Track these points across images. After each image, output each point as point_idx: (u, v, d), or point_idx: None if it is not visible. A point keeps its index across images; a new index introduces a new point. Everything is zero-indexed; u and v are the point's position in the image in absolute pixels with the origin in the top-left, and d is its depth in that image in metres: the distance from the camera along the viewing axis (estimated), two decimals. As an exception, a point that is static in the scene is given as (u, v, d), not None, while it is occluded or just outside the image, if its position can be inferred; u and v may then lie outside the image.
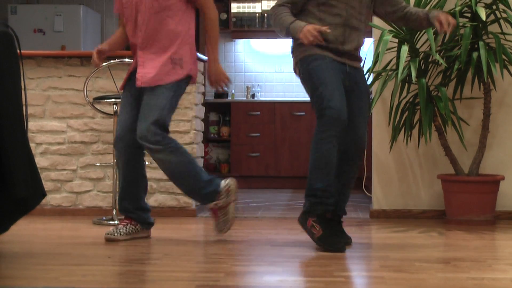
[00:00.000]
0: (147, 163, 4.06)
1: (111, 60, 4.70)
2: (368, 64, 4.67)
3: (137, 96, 3.84)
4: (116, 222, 4.52)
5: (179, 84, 3.82)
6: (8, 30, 3.25)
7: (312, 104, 3.61)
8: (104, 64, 4.67)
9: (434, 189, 4.90)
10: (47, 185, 4.97)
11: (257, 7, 8.01)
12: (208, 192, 3.82)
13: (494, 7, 4.57)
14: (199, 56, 4.11)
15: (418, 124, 4.67)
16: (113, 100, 4.60)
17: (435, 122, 4.55)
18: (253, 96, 8.01)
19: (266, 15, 8.00)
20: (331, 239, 3.52)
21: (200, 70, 5.13)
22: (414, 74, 4.29)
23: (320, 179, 3.53)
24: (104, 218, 4.66)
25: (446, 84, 4.62)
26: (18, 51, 3.29)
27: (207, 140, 7.79)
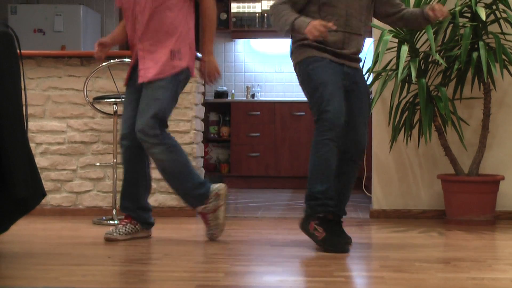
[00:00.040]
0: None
1: (111, 60, 4.70)
2: (368, 64, 4.67)
3: (141, 91, 3.83)
4: (116, 222, 4.51)
5: (178, 77, 3.79)
6: (8, 30, 3.25)
7: (310, 106, 3.61)
8: (104, 64, 4.68)
9: (434, 189, 4.90)
10: (47, 185, 4.97)
11: (257, 7, 8.01)
12: (198, 194, 3.80)
13: (494, 7, 4.56)
14: (197, 55, 4.09)
15: (418, 124, 4.67)
16: (113, 100, 4.59)
17: (435, 122, 4.55)
18: (253, 96, 8.01)
19: (266, 15, 8.00)
20: (334, 240, 3.52)
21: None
22: (414, 74, 4.29)
23: (320, 182, 3.53)
24: (104, 218, 4.66)
25: (446, 84, 4.62)
26: (18, 51, 3.29)
27: (207, 140, 7.79)
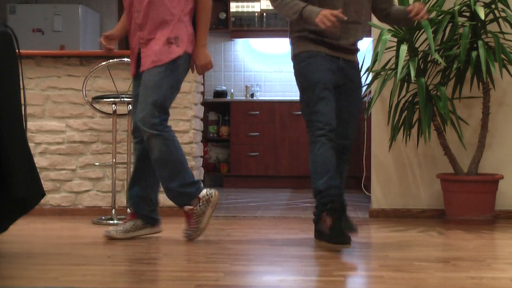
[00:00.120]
0: None
1: (110, 60, 4.70)
2: (367, 63, 4.67)
3: None
4: (115, 221, 4.52)
5: (177, 62, 3.76)
6: (7, 30, 3.25)
7: (300, 101, 3.71)
8: (103, 63, 4.68)
9: (433, 188, 4.90)
10: (46, 185, 4.97)
11: (256, 7, 8.01)
12: (185, 192, 3.74)
13: (493, 6, 4.56)
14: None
15: (417, 123, 4.67)
16: (112, 99, 4.59)
17: (434, 122, 4.55)
18: (252, 95, 8.01)
19: (265, 14, 8.00)
20: (339, 231, 3.48)
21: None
22: (413, 74, 4.29)
23: (320, 177, 3.55)
24: (103, 218, 4.66)
25: (445, 84, 4.62)
26: (17, 51, 3.29)
27: (206, 139, 7.79)
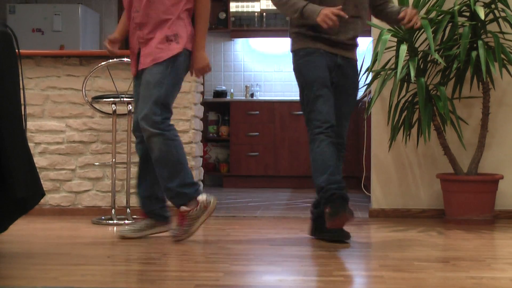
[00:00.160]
0: None
1: (110, 60, 4.70)
2: (367, 63, 4.66)
3: None
4: (114, 221, 4.53)
5: (177, 59, 3.76)
6: (7, 30, 3.24)
7: (300, 102, 3.74)
8: (102, 63, 4.68)
9: (433, 188, 4.90)
10: (46, 184, 4.96)
11: (256, 6, 8.01)
12: (185, 192, 3.73)
13: (493, 6, 4.56)
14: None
15: (417, 123, 4.67)
16: (111, 99, 4.59)
17: (434, 122, 4.55)
18: (252, 95, 8.00)
19: (265, 14, 8.00)
20: (337, 217, 3.50)
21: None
22: (413, 73, 4.29)
23: (320, 174, 3.57)
24: (103, 218, 4.65)
25: (445, 83, 4.62)
26: (16, 50, 3.28)
27: (206, 139, 7.79)
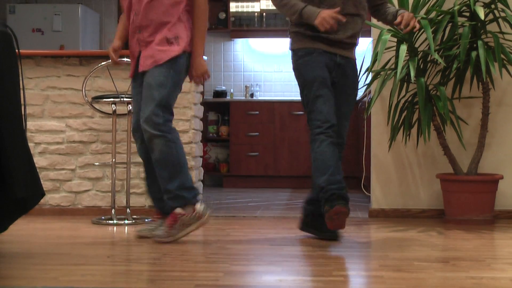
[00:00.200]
0: None
1: (110, 60, 4.69)
2: (367, 63, 4.66)
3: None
4: (114, 221, 4.53)
5: (177, 60, 3.76)
6: (7, 30, 3.25)
7: (301, 100, 3.75)
8: (102, 63, 4.68)
9: (433, 188, 4.90)
10: (46, 184, 4.96)
11: (255, 6, 8.01)
12: (183, 195, 3.72)
13: (493, 6, 4.56)
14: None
15: (417, 123, 4.67)
16: (111, 99, 4.59)
17: (434, 122, 4.55)
18: (252, 95, 8.00)
19: (265, 14, 8.00)
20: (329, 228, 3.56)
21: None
22: (413, 73, 4.29)
23: (321, 174, 3.57)
24: (103, 218, 4.66)
25: (445, 83, 4.62)
26: (16, 50, 3.29)
27: (206, 139, 7.79)
